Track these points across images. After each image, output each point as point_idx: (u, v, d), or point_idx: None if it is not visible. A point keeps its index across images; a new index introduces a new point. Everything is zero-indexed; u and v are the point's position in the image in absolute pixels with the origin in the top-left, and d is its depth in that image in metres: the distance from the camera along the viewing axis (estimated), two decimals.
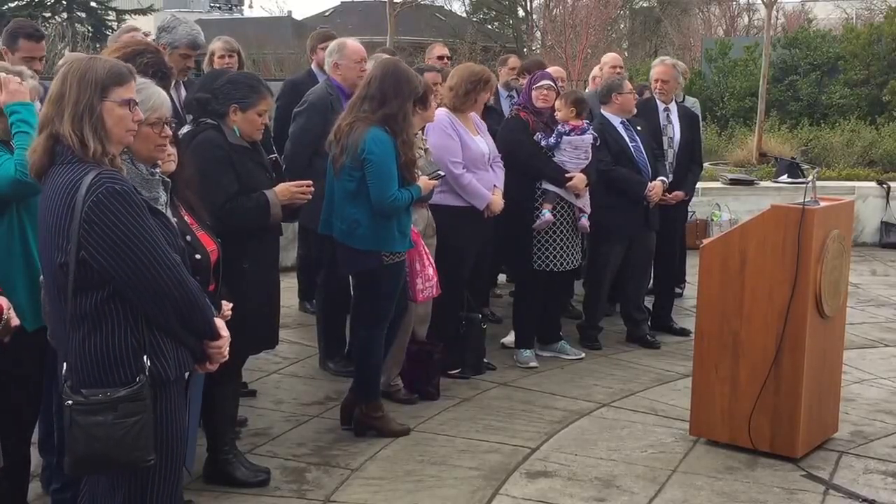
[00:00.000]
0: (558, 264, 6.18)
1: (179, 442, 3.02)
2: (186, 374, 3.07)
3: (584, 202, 6.25)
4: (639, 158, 6.67)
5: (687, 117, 7.28)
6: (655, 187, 6.64)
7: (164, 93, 3.40)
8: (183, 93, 5.52)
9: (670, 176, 6.99)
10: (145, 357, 2.83)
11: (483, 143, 5.90)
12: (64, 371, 2.89)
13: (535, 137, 6.14)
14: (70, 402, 2.82)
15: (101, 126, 2.83)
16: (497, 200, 5.84)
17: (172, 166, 3.66)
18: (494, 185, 5.89)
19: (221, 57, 6.35)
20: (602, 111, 6.73)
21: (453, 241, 5.76)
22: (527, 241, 6.14)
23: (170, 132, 3.40)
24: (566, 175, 6.11)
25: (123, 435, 2.78)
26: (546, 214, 6.08)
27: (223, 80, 4.48)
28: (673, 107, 7.22)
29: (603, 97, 6.75)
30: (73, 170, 2.78)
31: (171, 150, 3.68)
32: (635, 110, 6.80)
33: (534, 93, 6.17)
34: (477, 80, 5.86)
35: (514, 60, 8.19)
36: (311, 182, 4.61)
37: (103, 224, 2.73)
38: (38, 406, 3.91)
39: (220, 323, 3.09)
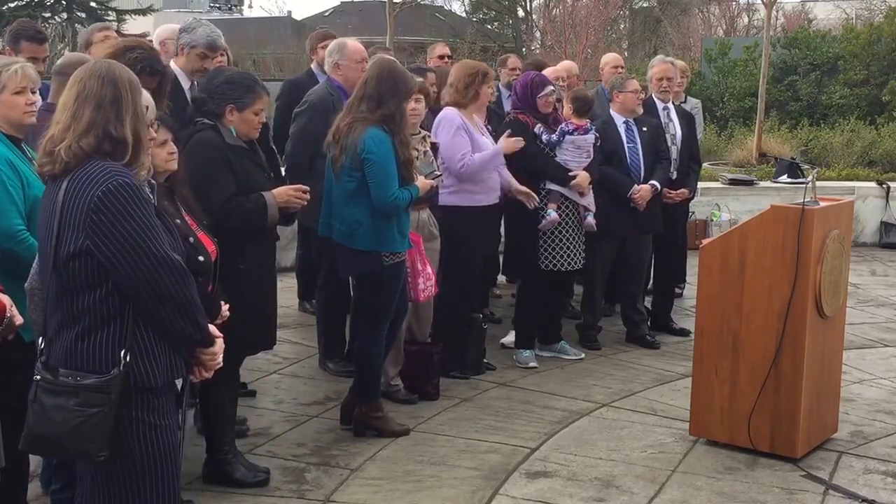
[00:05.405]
0: (564, 264, 6.18)
1: (173, 451, 2.98)
2: (179, 383, 3.05)
3: (589, 200, 6.25)
4: (632, 160, 6.68)
5: (684, 116, 7.30)
6: (641, 190, 6.62)
7: (147, 94, 3.39)
8: None
9: (674, 174, 7.00)
10: (123, 352, 2.82)
11: (490, 144, 5.93)
12: (41, 345, 2.90)
13: (536, 130, 6.14)
14: (38, 377, 2.85)
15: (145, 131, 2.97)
16: (509, 143, 5.82)
17: (175, 165, 3.66)
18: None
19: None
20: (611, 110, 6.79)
21: (463, 241, 5.78)
22: (533, 243, 6.14)
23: (155, 135, 3.40)
24: (570, 174, 6.12)
25: (79, 424, 2.77)
26: (552, 214, 6.08)
27: (219, 80, 4.46)
28: (671, 105, 7.23)
29: (610, 95, 6.83)
30: (89, 167, 2.81)
31: (173, 148, 3.68)
32: (640, 110, 6.80)
33: (539, 101, 6.15)
34: (475, 74, 5.91)
35: (513, 60, 8.20)
36: (308, 188, 4.61)
37: (111, 214, 2.76)
38: None
39: (213, 329, 3.06)
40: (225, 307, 3.50)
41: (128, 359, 2.82)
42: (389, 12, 15.29)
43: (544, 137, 6.13)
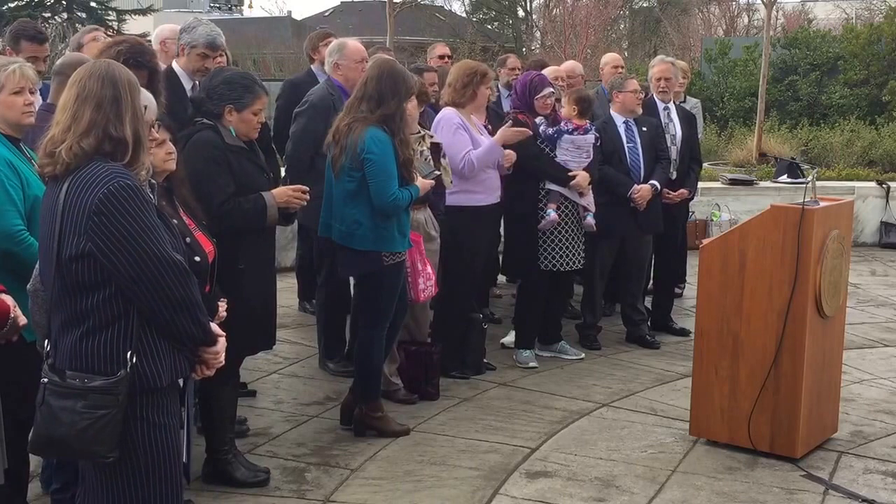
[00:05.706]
0: (564, 264, 6.18)
1: (175, 450, 2.99)
2: (181, 382, 3.05)
3: (588, 200, 6.26)
4: (632, 160, 6.69)
5: (685, 116, 7.32)
6: (641, 190, 6.63)
7: (147, 94, 3.37)
8: None
9: (674, 174, 7.01)
10: (129, 353, 2.81)
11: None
12: (48, 348, 2.89)
13: (537, 121, 6.14)
14: (46, 379, 2.84)
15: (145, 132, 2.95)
16: (509, 134, 5.81)
17: (173, 165, 3.65)
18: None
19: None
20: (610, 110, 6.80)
21: (465, 240, 5.80)
22: (533, 243, 6.15)
23: (157, 135, 3.39)
24: (569, 174, 6.12)
25: (87, 426, 2.77)
26: (551, 214, 6.08)
27: (218, 80, 4.45)
28: (672, 105, 7.24)
29: (610, 95, 6.84)
30: (90, 168, 2.81)
31: (171, 148, 3.67)
32: (640, 110, 6.81)
33: (537, 103, 6.15)
34: (472, 73, 5.91)
35: (513, 60, 8.20)
36: (307, 188, 4.61)
37: (112, 216, 2.75)
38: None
39: (216, 328, 3.06)
40: (222, 307, 3.50)
41: (134, 360, 2.82)
42: (389, 12, 15.29)
43: (541, 128, 6.13)
